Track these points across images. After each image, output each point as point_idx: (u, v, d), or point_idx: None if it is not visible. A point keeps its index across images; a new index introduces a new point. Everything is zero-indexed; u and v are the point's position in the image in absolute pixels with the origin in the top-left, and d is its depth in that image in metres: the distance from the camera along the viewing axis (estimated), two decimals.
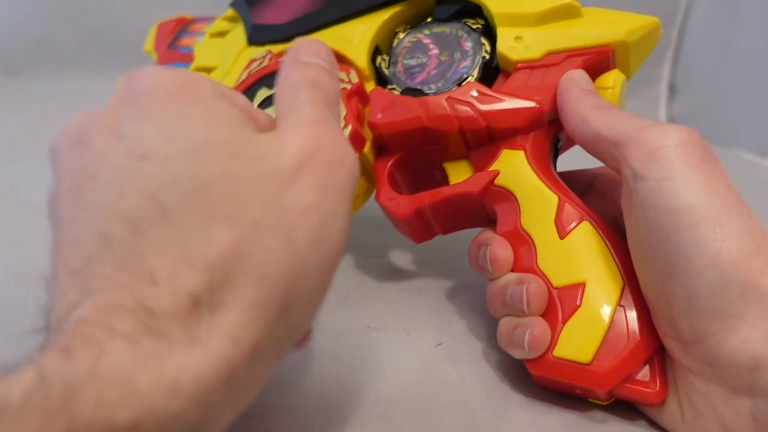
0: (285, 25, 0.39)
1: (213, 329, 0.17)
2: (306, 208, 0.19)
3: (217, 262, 0.17)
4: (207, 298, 0.17)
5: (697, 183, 0.25)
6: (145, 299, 0.16)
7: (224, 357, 0.17)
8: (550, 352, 0.28)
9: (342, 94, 0.34)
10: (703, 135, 0.27)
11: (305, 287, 0.19)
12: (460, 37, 0.36)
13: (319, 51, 0.24)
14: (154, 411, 0.15)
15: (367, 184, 0.37)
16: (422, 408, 0.29)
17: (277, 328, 0.19)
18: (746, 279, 0.24)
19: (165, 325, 0.16)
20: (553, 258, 0.29)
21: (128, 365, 0.15)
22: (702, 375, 0.25)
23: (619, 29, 0.33)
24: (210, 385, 0.17)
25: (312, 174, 0.20)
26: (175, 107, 0.20)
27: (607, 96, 0.32)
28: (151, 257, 0.17)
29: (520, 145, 0.32)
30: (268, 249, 0.18)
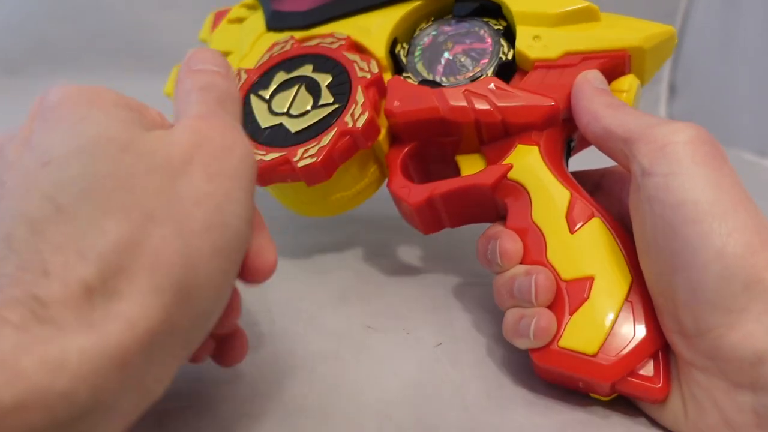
0: (305, 13, 0.39)
1: (107, 315, 0.18)
2: (198, 197, 0.20)
3: (110, 253, 0.18)
4: (100, 287, 0.18)
5: (704, 179, 0.25)
6: (36, 290, 0.17)
7: (116, 340, 0.18)
8: (555, 343, 0.28)
9: (361, 84, 0.35)
10: None
11: (204, 273, 0.20)
12: (481, 36, 0.36)
13: (209, 58, 0.25)
14: (39, 391, 0.16)
15: (378, 173, 0.37)
16: (422, 408, 0.29)
17: (177, 315, 0.19)
18: (750, 274, 0.24)
19: (56, 312, 0.17)
20: (562, 252, 0.30)
21: (13, 349, 0.16)
22: (705, 369, 0.25)
23: (637, 35, 0.33)
24: (101, 367, 0.17)
25: (201, 163, 0.21)
26: (74, 112, 0.21)
27: (621, 99, 0.33)
28: (46, 253, 0.18)
29: (534, 141, 0.33)
30: (161, 237, 0.19)
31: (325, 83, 0.36)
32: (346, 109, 0.34)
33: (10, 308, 0.17)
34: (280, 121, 0.35)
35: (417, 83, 0.35)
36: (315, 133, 0.34)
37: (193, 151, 0.21)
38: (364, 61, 0.35)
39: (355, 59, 0.36)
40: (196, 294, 0.20)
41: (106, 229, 0.19)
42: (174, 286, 0.19)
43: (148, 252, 0.19)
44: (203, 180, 0.21)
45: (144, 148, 0.20)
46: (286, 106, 0.36)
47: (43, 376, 0.16)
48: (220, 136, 0.22)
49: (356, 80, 0.35)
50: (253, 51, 0.40)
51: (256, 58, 0.39)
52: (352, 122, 0.34)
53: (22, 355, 0.16)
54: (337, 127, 0.34)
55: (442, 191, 0.34)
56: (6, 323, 0.16)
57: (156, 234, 0.19)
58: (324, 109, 0.35)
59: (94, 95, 0.22)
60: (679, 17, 0.80)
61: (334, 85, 0.36)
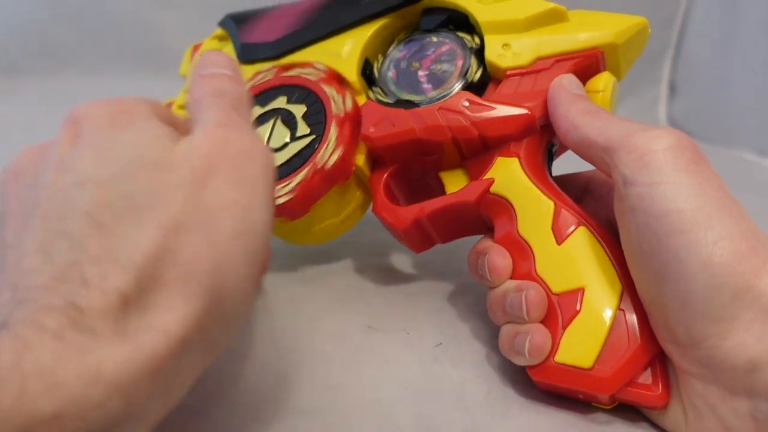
0: (274, 43, 0.39)
1: (142, 324, 0.18)
2: (224, 204, 0.21)
3: (145, 263, 0.19)
4: (136, 296, 0.18)
5: (687, 187, 0.25)
6: (75, 298, 0.18)
7: (151, 350, 0.18)
8: (551, 358, 0.28)
9: (336, 119, 0.35)
10: (703, 135, 0.27)
11: (233, 279, 0.21)
12: (452, 52, 0.36)
13: (219, 61, 0.26)
14: (75, 400, 0.16)
15: (363, 197, 0.37)
16: (422, 408, 0.29)
17: (207, 322, 0.20)
18: (739, 282, 0.24)
19: (93, 321, 0.18)
20: (551, 264, 0.30)
21: (52, 358, 0.16)
22: (701, 377, 0.25)
23: (608, 31, 0.33)
24: (135, 377, 0.18)
25: (224, 171, 0.21)
26: (108, 135, 0.22)
27: (598, 99, 0.32)
28: (84, 264, 0.18)
29: (513, 153, 0.32)
30: (192, 246, 0.20)
31: (300, 114, 0.36)
32: (320, 145, 0.34)
33: (48, 315, 0.17)
34: None
35: (391, 102, 0.35)
36: (293, 168, 0.34)
37: (216, 159, 0.21)
38: (340, 95, 0.35)
39: (332, 94, 0.35)
40: (226, 300, 0.20)
41: (140, 241, 0.19)
42: (206, 294, 0.20)
43: (181, 261, 0.19)
44: (228, 188, 0.21)
45: (173, 163, 0.21)
46: (264, 141, 0.36)
47: (80, 386, 0.16)
48: (240, 144, 0.22)
49: (331, 115, 0.35)
50: None
51: None
52: (324, 160, 0.34)
53: (61, 364, 0.16)
54: (311, 165, 0.34)
55: (428, 212, 0.33)
56: (44, 331, 0.17)
57: (188, 243, 0.20)
58: (302, 141, 0.35)
59: (124, 114, 0.22)
60: (679, 17, 0.80)
61: (309, 115, 0.35)
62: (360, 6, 0.38)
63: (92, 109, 0.22)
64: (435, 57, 0.36)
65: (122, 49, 0.78)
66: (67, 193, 0.20)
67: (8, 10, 0.77)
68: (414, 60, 0.36)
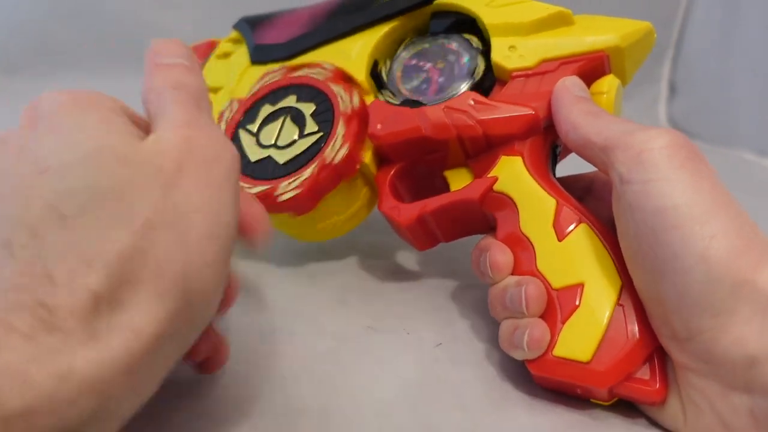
0: (286, 44, 0.40)
1: (113, 324, 0.18)
2: (194, 205, 0.21)
3: (115, 262, 0.19)
4: (107, 296, 0.18)
5: (683, 183, 0.25)
6: (44, 298, 0.17)
7: (123, 350, 0.18)
8: (550, 352, 0.28)
9: (344, 116, 0.35)
10: (703, 134, 0.28)
11: (204, 279, 0.21)
12: (460, 54, 0.36)
13: (176, 50, 0.25)
14: (46, 398, 0.16)
15: (370, 194, 0.38)
16: (422, 408, 0.29)
17: (179, 321, 0.20)
18: (736, 276, 0.24)
19: (63, 321, 0.17)
20: (552, 260, 0.30)
21: (22, 358, 0.16)
22: (699, 372, 0.25)
23: (613, 35, 0.33)
24: (107, 375, 0.18)
25: (193, 172, 0.21)
26: (74, 120, 0.21)
27: (602, 101, 0.33)
28: (50, 260, 0.18)
29: (517, 152, 0.33)
30: (163, 245, 0.20)
31: (309, 112, 0.36)
32: (328, 141, 0.35)
33: (17, 315, 0.17)
34: (268, 154, 0.36)
35: (398, 103, 0.36)
36: (301, 164, 0.35)
37: (184, 159, 0.21)
38: (347, 93, 0.36)
39: (339, 92, 0.36)
40: (196, 301, 0.20)
41: (111, 239, 0.19)
42: (177, 294, 0.20)
43: (152, 261, 0.19)
44: (196, 189, 0.21)
45: (139, 159, 0.21)
46: (274, 138, 0.37)
47: (51, 385, 0.17)
48: (207, 144, 0.22)
49: (339, 112, 0.36)
50: (240, 85, 0.41)
51: (245, 89, 0.40)
52: (332, 155, 0.34)
53: (32, 365, 0.16)
54: (318, 160, 0.35)
55: (431, 209, 0.34)
56: (14, 331, 0.17)
57: (159, 242, 0.19)
58: (310, 138, 0.36)
59: (88, 102, 0.22)
60: (679, 17, 0.80)
61: (318, 113, 0.36)
62: (370, 9, 0.38)
63: (54, 95, 0.22)
64: (443, 59, 0.37)
65: (122, 49, 0.77)
66: (28, 180, 0.19)
67: (8, 10, 0.77)
68: (422, 61, 0.37)
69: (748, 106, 0.70)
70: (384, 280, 0.40)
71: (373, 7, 0.39)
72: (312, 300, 0.37)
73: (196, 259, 0.20)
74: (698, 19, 0.78)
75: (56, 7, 0.77)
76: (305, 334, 0.34)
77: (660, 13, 0.79)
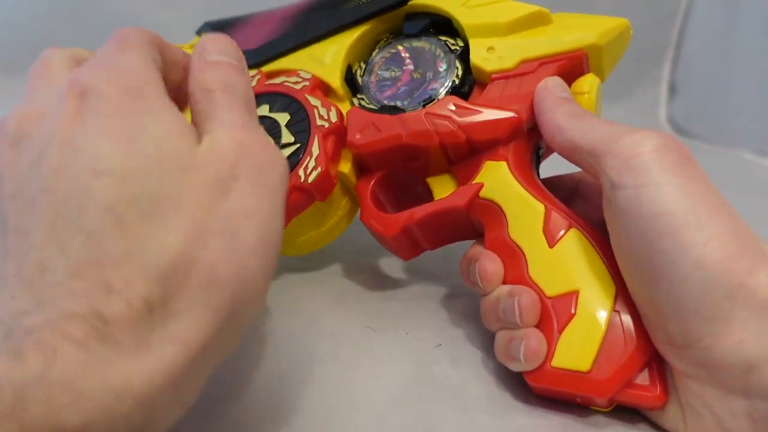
0: (256, 50, 0.39)
1: (165, 335, 0.18)
2: (248, 212, 0.20)
3: (169, 270, 0.18)
4: (160, 305, 0.18)
5: (675, 188, 0.25)
6: (100, 306, 0.17)
7: (172, 361, 0.18)
8: (548, 363, 0.28)
9: (319, 133, 0.34)
10: (703, 135, 0.27)
11: (251, 289, 0.20)
12: (436, 56, 0.35)
13: (226, 48, 0.24)
14: (103, 413, 0.16)
15: (350, 205, 0.37)
16: (421, 408, 0.29)
17: (225, 331, 0.20)
18: (732, 281, 0.23)
19: (117, 331, 0.17)
20: (544, 267, 0.29)
21: (78, 370, 0.16)
22: (697, 378, 0.25)
23: (591, 33, 0.33)
24: (157, 389, 0.17)
25: (247, 178, 0.21)
26: (128, 123, 0.20)
27: (583, 100, 0.32)
28: (106, 266, 0.18)
29: (502, 156, 0.32)
30: (216, 252, 0.19)
31: (284, 122, 0.35)
32: (301, 161, 0.34)
33: (72, 323, 0.17)
34: None
35: (376, 108, 0.35)
36: None
37: (239, 164, 0.21)
38: (325, 107, 0.35)
39: (317, 105, 0.35)
40: (242, 308, 0.20)
41: (166, 245, 0.18)
42: (226, 303, 0.19)
43: (204, 268, 0.19)
44: (250, 195, 0.21)
45: (197, 163, 0.20)
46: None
47: (108, 400, 0.16)
48: (262, 150, 0.22)
49: (315, 128, 0.34)
50: None
51: None
52: (304, 176, 0.33)
53: (86, 376, 0.16)
54: (293, 178, 0.33)
55: (417, 218, 0.33)
56: (68, 339, 0.16)
57: (212, 249, 0.19)
58: (286, 150, 0.34)
59: (135, 93, 0.21)
60: (679, 17, 0.80)
61: (292, 123, 0.35)
62: (342, 12, 0.37)
63: (100, 83, 0.21)
64: (419, 61, 0.36)
65: None
66: (83, 182, 0.19)
67: (8, 10, 0.76)
68: (397, 65, 0.36)
69: (747, 106, 0.71)
70: (383, 280, 0.39)
71: (345, 10, 0.37)
72: (311, 300, 0.37)
73: (246, 268, 0.20)
74: (698, 20, 0.79)
75: (56, 7, 0.76)
76: (304, 334, 0.33)
77: (660, 13, 0.80)
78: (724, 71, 0.74)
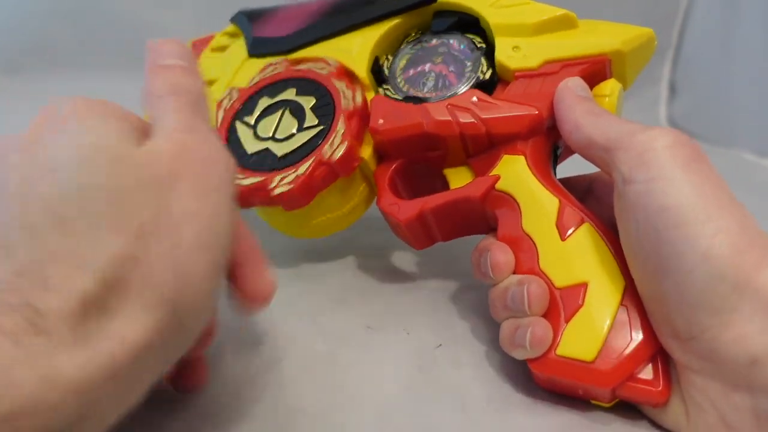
0: (286, 38, 0.40)
1: (100, 330, 0.18)
2: (188, 214, 0.21)
3: (109, 267, 0.18)
4: (97, 301, 0.18)
5: (686, 182, 0.25)
6: (35, 300, 0.17)
7: (108, 356, 0.18)
8: (552, 351, 0.28)
9: (345, 113, 0.35)
10: (703, 135, 0.28)
11: (194, 291, 0.20)
12: (463, 53, 0.36)
13: (176, 51, 0.25)
14: (32, 402, 0.16)
15: (368, 191, 0.37)
16: (421, 408, 0.29)
17: (167, 332, 0.20)
18: (738, 274, 0.24)
19: (52, 324, 0.17)
20: (554, 259, 0.30)
21: (8, 360, 0.16)
22: (701, 372, 0.25)
23: (615, 39, 0.34)
24: (91, 381, 0.18)
25: (188, 178, 0.21)
26: (80, 123, 0.21)
27: (604, 103, 0.33)
28: (47, 262, 0.18)
29: (520, 151, 0.33)
30: (156, 254, 0.19)
31: (309, 105, 0.36)
32: (327, 136, 0.34)
33: (5, 315, 0.17)
34: (266, 146, 0.35)
35: (400, 98, 0.36)
36: (299, 157, 0.34)
37: (180, 165, 0.21)
38: (350, 90, 0.35)
39: (341, 88, 0.36)
40: (185, 313, 0.20)
41: (104, 243, 0.19)
42: (166, 305, 0.19)
43: (144, 268, 0.19)
44: (192, 196, 0.21)
45: (134, 161, 0.20)
46: (272, 131, 0.36)
47: (37, 388, 0.16)
48: (202, 151, 0.22)
49: (340, 109, 0.35)
50: (237, 77, 0.40)
51: (243, 81, 0.39)
52: (330, 152, 0.34)
53: (17, 366, 0.16)
54: (315, 156, 0.34)
55: (432, 206, 0.34)
56: (1, 332, 0.17)
57: (152, 250, 0.19)
58: (309, 132, 0.35)
59: (100, 106, 0.22)
60: (679, 17, 0.80)
61: (317, 107, 0.36)
62: (373, 5, 0.38)
63: (72, 99, 0.22)
64: (445, 57, 0.36)
65: (122, 49, 0.77)
66: (33, 180, 0.19)
67: (7, 10, 0.77)
68: (425, 59, 0.37)
69: (748, 106, 0.71)
70: (384, 280, 0.39)
71: (375, 4, 0.38)
72: (312, 300, 0.37)
73: (187, 269, 0.20)
74: (698, 20, 0.79)
75: (56, 7, 0.77)
76: (305, 334, 0.33)
77: (660, 13, 0.80)
78: (723, 71, 0.74)
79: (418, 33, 0.38)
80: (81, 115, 0.21)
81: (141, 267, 0.19)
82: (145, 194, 0.20)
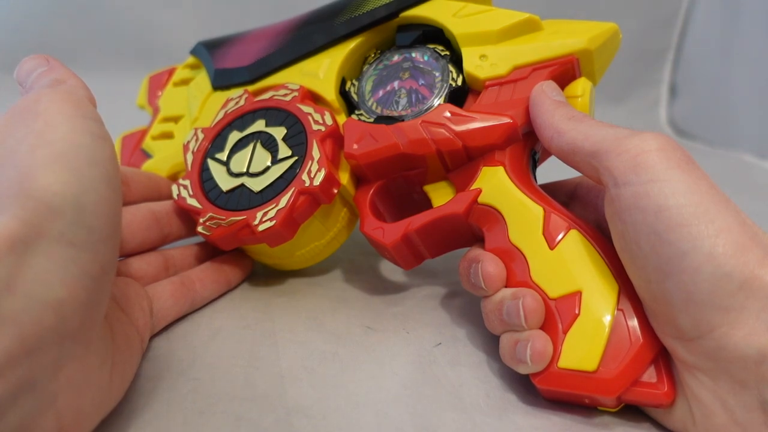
0: (248, 67, 0.39)
1: None
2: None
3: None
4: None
5: (683, 183, 0.25)
6: None
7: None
8: (554, 364, 0.28)
9: (316, 137, 0.34)
10: (704, 136, 0.28)
11: (49, 185, 0.22)
12: (430, 64, 0.36)
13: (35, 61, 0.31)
14: None
15: (349, 215, 0.37)
16: (421, 408, 0.29)
17: (38, 226, 0.21)
18: (744, 272, 0.24)
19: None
20: (546, 269, 0.29)
21: None
22: (708, 371, 0.25)
23: (581, 38, 0.33)
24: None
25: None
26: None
27: (577, 104, 0.33)
28: None
29: (498, 161, 0.32)
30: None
31: (281, 136, 0.35)
32: (303, 165, 0.34)
33: None
34: (241, 182, 0.35)
35: (372, 120, 0.35)
36: (277, 191, 0.34)
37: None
38: (318, 113, 0.35)
39: (310, 111, 0.35)
40: (54, 207, 0.21)
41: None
42: (20, 200, 0.21)
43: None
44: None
45: None
46: (245, 165, 0.35)
47: None
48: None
49: (311, 134, 0.34)
50: (204, 112, 0.39)
51: (209, 117, 0.38)
52: (309, 180, 0.33)
53: None
54: (295, 186, 0.33)
55: (416, 227, 0.33)
56: None
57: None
58: (284, 163, 0.34)
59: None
60: (679, 19, 0.81)
61: (289, 137, 0.35)
62: (334, 26, 0.38)
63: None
64: (412, 72, 0.36)
65: (122, 49, 0.78)
66: None
67: (7, 9, 0.77)
68: (391, 76, 0.36)
69: (748, 108, 0.71)
70: (384, 280, 0.39)
71: (337, 24, 0.38)
72: (312, 300, 0.37)
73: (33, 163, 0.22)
74: (698, 22, 0.79)
75: (56, 6, 0.77)
76: (305, 334, 0.33)
77: (660, 16, 0.81)
78: (724, 73, 0.75)
79: (377, 53, 0.38)
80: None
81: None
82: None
